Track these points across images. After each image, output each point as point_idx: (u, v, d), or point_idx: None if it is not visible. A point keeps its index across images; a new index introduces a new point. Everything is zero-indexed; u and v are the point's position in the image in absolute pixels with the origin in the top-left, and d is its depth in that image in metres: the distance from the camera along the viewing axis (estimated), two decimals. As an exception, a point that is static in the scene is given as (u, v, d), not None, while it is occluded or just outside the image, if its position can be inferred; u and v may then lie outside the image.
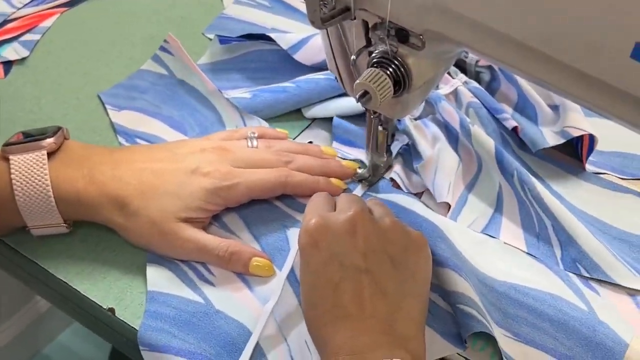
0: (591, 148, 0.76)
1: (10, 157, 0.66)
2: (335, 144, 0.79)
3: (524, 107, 0.81)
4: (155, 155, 0.70)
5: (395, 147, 0.77)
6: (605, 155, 0.78)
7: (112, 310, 0.65)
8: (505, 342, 0.61)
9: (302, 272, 0.61)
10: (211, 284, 0.67)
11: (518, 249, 0.69)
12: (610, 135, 0.75)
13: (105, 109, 0.83)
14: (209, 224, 0.71)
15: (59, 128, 0.69)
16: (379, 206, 0.66)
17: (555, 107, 0.80)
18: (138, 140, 0.79)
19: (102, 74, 0.86)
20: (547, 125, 0.79)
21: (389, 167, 0.76)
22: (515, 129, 0.78)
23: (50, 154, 0.67)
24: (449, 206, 0.73)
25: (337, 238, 0.59)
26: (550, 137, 0.76)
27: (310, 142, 0.79)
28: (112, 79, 0.85)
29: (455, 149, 0.76)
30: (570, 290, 0.65)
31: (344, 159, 0.77)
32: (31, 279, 0.71)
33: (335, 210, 0.64)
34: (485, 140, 0.74)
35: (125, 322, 0.65)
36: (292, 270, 0.67)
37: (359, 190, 0.74)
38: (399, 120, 0.78)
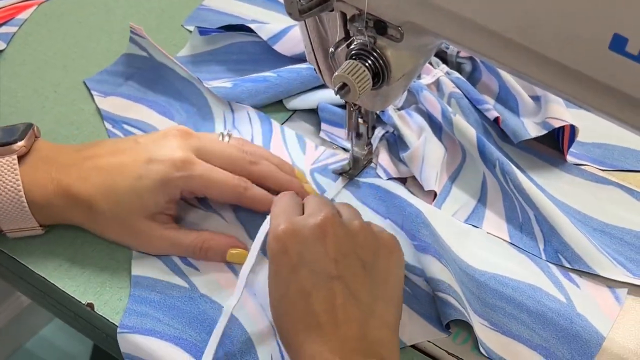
0: (572, 139, 0.76)
1: None
2: (323, 125, 0.79)
3: (505, 98, 0.81)
4: (119, 146, 0.69)
5: (376, 139, 0.76)
6: (586, 146, 0.78)
7: (91, 305, 0.65)
8: (481, 330, 0.62)
9: (272, 280, 0.59)
10: (196, 268, 0.67)
11: (501, 239, 0.70)
12: (591, 126, 0.75)
13: (86, 99, 0.82)
14: (195, 206, 0.71)
15: (30, 126, 0.68)
16: (348, 208, 0.64)
17: (536, 98, 0.80)
18: (125, 127, 0.79)
19: (80, 66, 0.86)
20: (529, 116, 0.79)
21: (370, 160, 0.76)
22: (496, 119, 0.78)
23: (20, 157, 0.66)
24: (435, 194, 0.73)
25: (307, 244, 0.58)
26: (531, 128, 0.77)
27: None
28: (91, 71, 0.85)
29: (440, 139, 0.76)
30: (549, 281, 0.66)
31: (333, 143, 0.78)
32: (9, 274, 0.71)
33: (303, 212, 0.62)
34: (467, 130, 0.74)
35: (105, 318, 0.65)
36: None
37: (339, 183, 0.74)
38: (382, 111, 0.78)
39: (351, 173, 0.75)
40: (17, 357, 1.58)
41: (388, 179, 0.74)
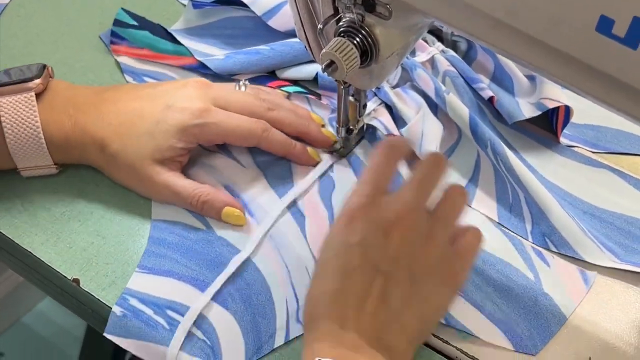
0: (567, 120, 0.76)
1: None
2: (323, 92, 0.80)
3: (500, 77, 0.81)
4: (139, 92, 0.71)
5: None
6: (579, 127, 0.78)
7: (76, 281, 0.66)
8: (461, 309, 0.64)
9: (327, 241, 0.59)
10: None
11: (487, 217, 0.70)
12: (584, 108, 0.75)
13: (76, 72, 0.82)
14: (214, 152, 0.73)
15: (44, 66, 0.70)
16: (452, 204, 0.60)
17: (532, 78, 0.80)
18: (146, 79, 0.80)
19: (71, 40, 0.86)
20: (524, 96, 0.79)
21: (361, 139, 0.76)
22: (491, 99, 0.78)
23: (37, 94, 0.68)
24: None
25: (374, 230, 0.56)
26: (526, 109, 0.76)
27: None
28: (83, 46, 0.85)
29: (436, 116, 0.76)
30: (520, 258, 0.67)
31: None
32: (-5, 248, 0.71)
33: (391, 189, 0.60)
34: (461, 109, 0.74)
35: (90, 294, 0.65)
36: (295, 202, 0.70)
37: (327, 161, 0.74)
38: (378, 88, 0.78)
39: (342, 152, 0.75)
40: (13, 332, 1.60)
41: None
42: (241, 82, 0.75)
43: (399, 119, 0.76)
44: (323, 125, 0.76)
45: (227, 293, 0.64)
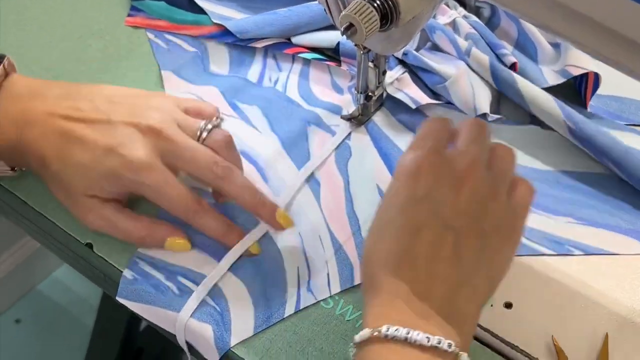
0: (596, 86, 0.74)
1: None
2: (344, 58, 0.79)
3: (524, 44, 0.80)
4: (93, 115, 0.65)
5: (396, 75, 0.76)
6: (602, 99, 0.77)
7: (90, 245, 0.66)
8: (570, 228, 0.67)
9: (389, 197, 0.55)
10: None
11: None
12: (608, 78, 0.73)
13: (93, 35, 0.82)
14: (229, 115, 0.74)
15: (1, 59, 0.67)
16: (505, 155, 0.58)
17: (556, 45, 0.79)
18: (167, 37, 0.81)
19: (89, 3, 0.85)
20: (547, 64, 0.78)
21: (380, 106, 0.75)
22: (514, 66, 0.77)
23: None
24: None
25: (443, 182, 0.54)
26: (549, 76, 0.75)
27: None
28: (102, 9, 0.84)
29: None
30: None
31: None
32: (11, 212, 0.71)
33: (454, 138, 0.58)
34: (484, 60, 0.75)
35: (103, 258, 0.65)
36: (313, 175, 0.70)
37: (345, 129, 0.73)
38: (405, 54, 0.77)
39: (360, 119, 0.74)
40: (30, 299, 1.61)
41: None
42: (207, 127, 0.66)
43: (430, 84, 0.76)
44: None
45: (239, 262, 0.64)
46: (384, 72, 0.73)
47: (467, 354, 0.50)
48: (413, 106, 0.73)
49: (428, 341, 0.49)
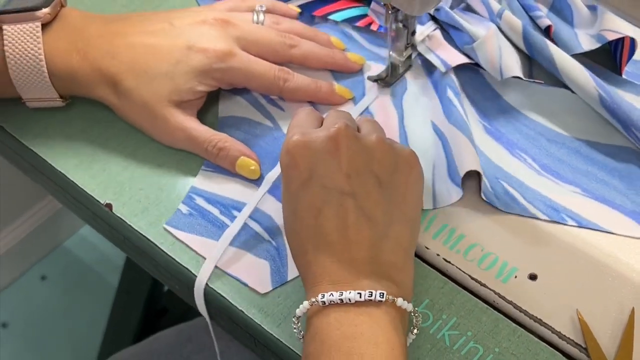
0: (632, 52, 0.73)
1: (4, 26, 0.65)
2: (373, 5, 0.78)
3: (559, 7, 0.78)
4: (151, 27, 0.68)
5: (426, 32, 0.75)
6: (638, 64, 0.75)
7: (109, 205, 0.66)
8: (573, 198, 0.65)
9: (284, 195, 0.58)
10: (280, 108, 0.72)
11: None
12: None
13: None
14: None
15: None
16: (368, 122, 0.61)
17: (593, 8, 0.77)
18: None
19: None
20: (583, 28, 0.76)
21: (409, 67, 0.74)
22: (548, 29, 0.75)
23: (44, 24, 0.66)
24: None
25: (318, 158, 0.56)
26: (585, 41, 0.74)
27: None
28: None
29: None
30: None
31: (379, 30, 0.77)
32: (31, 169, 0.72)
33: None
34: (516, 25, 0.73)
35: (122, 219, 0.66)
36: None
37: (374, 92, 0.73)
38: (437, 10, 0.76)
39: (387, 80, 0.73)
40: (56, 255, 1.63)
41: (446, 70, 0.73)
42: (258, 7, 0.72)
43: (459, 44, 0.74)
44: (344, 49, 0.75)
45: None
46: (413, 33, 0.72)
47: (403, 298, 0.54)
48: (443, 69, 0.73)
49: (360, 296, 0.52)
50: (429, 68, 0.74)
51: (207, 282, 0.62)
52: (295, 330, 0.56)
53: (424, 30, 0.75)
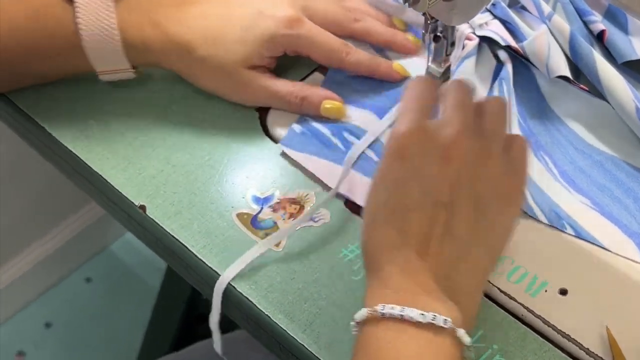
0: None
1: (76, 0, 0.67)
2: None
3: (615, 13, 0.78)
4: None
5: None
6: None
7: (143, 207, 0.68)
8: (580, 209, 0.66)
9: (378, 182, 0.56)
10: None
11: None
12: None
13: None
14: None
15: None
16: (494, 108, 0.58)
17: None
18: None
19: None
20: (638, 35, 0.76)
21: (447, 79, 0.75)
22: (602, 34, 0.75)
23: None
24: None
25: (428, 158, 0.54)
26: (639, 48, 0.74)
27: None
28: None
29: None
30: None
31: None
32: (68, 168, 0.74)
33: (435, 111, 0.59)
34: (564, 29, 0.74)
35: (155, 221, 0.67)
36: None
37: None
38: (493, 5, 0.77)
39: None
40: (101, 258, 1.67)
41: (505, 45, 0.74)
42: None
43: (513, 38, 0.75)
44: (404, 30, 0.77)
45: None
46: (452, 44, 0.73)
47: (465, 330, 0.51)
48: (503, 43, 0.74)
49: (423, 317, 0.50)
50: (487, 59, 0.75)
51: (236, 287, 0.63)
52: (355, 334, 0.54)
53: (483, 17, 0.77)
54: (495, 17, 0.77)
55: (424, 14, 0.69)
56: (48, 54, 0.69)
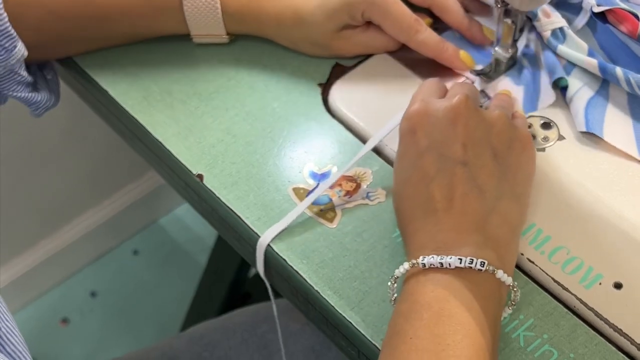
0: None
1: None
2: None
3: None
4: None
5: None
6: None
7: (200, 176, 0.70)
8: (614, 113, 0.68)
9: (398, 162, 0.62)
10: None
11: None
12: None
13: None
14: None
15: None
16: (499, 98, 0.67)
17: None
18: None
19: None
20: None
21: (513, 64, 0.76)
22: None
23: None
24: None
25: (437, 126, 0.60)
26: None
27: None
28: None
29: None
30: None
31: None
32: (130, 135, 0.77)
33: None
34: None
35: (212, 191, 0.69)
36: None
37: (477, 86, 0.74)
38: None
39: (490, 75, 0.75)
40: (150, 231, 1.70)
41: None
42: None
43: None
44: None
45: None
46: (521, 30, 0.74)
47: (503, 271, 0.55)
48: (570, 24, 0.75)
49: (461, 262, 0.54)
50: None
51: (287, 260, 0.64)
52: (389, 292, 0.59)
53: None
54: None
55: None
56: (147, 13, 0.74)
